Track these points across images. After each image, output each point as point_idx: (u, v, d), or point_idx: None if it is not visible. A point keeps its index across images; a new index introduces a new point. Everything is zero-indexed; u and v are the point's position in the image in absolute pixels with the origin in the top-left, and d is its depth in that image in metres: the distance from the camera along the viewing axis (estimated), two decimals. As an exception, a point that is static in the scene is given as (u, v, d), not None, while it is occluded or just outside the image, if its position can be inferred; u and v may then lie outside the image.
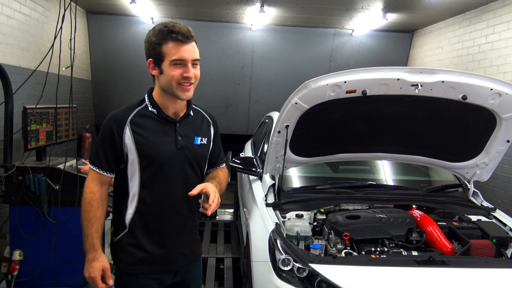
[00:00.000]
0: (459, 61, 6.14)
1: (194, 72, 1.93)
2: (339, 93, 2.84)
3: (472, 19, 5.86)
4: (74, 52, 3.12)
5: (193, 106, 2.12)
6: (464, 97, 2.86)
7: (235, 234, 5.50)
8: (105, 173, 1.96)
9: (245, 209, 4.11)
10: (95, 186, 1.95)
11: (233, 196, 6.79)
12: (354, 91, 2.83)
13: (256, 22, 7.24)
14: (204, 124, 2.16)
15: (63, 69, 3.37)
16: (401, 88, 2.82)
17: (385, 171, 4.20)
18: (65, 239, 3.83)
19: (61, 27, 3.02)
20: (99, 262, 1.92)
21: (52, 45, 3.08)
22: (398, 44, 7.95)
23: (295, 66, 7.83)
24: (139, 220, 1.98)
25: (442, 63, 6.66)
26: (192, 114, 2.10)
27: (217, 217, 6.69)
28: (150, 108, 1.99)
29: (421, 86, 2.78)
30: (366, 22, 6.87)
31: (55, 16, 3.15)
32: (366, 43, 7.90)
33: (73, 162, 3.95)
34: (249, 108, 8.22)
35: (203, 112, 2.20)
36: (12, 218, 3.85)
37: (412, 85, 2.79)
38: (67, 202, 3.73)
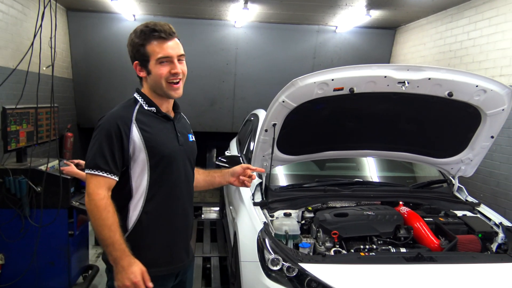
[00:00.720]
0: (442, 58, 6.21)
1: (181, 67, 1.93)
2: (327, 91, 2.83)
3: (454, 15, 5.93)
4: (55, 50, 3.03)
5: None
6: (450, 94, 2.88)
7: (221, 233, 5.48)
8: (113, 177, 1.83)
9: (231, 207, 4.08)
10: (105, 192, 1.82)
11: (219, 194, 6.76)
12: (342, 89, 2.83)
13: (240, 19, 7.19)
14: (188, 123, 2.20)
15: (44, 68, 3.28)
16: (388, 85, 2.82)
17: (371, 168, 4.22)
18: (48, 242, 3.74)
19: (40, 25, 2.93)
20: (137, 266, 1.80)
21: (32, 44, 2.99)
22: (381, 40, 7.99)
23: (279, 63, 7.82)
24: (146, 221, 1.91)
25: (425, 60, 6.72)
26: (180, 113, 2.13)
27: (202, 216, 6.65)
28: (146, 107, 1.95)
29: (408, 83, 2.79)
30: (350, 19, 6.89)
31: (34, 13, 3.07)
32: (349, 40, 7.93)
33: (55, 163, 3.86)
34: (234, 105, 8.18)
35: (181, 112, 2.20)
36: (-8, 221, 3.74)
37: (399, 82, 2.80)
38: (50, 204, 3.63)
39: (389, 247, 2.80)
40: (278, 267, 2.55)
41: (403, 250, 2.77)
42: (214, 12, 6.83)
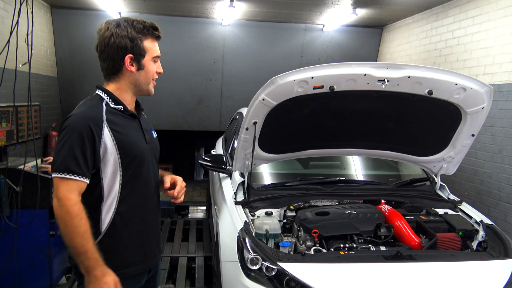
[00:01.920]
0: (427, 56, 6.23)
1: None
2: (307, 89, 2.82)
3: (439, 14, 5.95)
4: (31, 48, 2.97)
5: None
6: (430, 92, 2.89)
7: (207, 232, 5.45)
8: (84, 180, 1.77)
9: (216, 207, 4.05)
10: (76, 197, 1.74)
11: (206, 193, 6.72)
12: (322, 87, 2.82)
13: (227, 17, 7.16)
14: (148, 119, 2.17)
15: (20, 65, 3.21)
16: (368, 83, 2.82)
17: (355, 166, 4.22)
18: (28, 243, 3.67)
19: (17, 22, 2.87)
20: (111, 276, 1.75)
21: (8, 41, 2.92)
22: (368, 39, 8.01)
23: (267, 61, 7.79)
24: (120, 222, 1.87)
25: (411, 58, 6.74)
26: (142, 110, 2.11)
27: (189, 215, 6.62)
28: (113, 106, 1.90)
29: (388, 81, 2.79)
30: (336, 17, 6.89)
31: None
32: (337, 38, 7.93)
33: (35, 162, 3.80)
34: (221, 104, 8.14)
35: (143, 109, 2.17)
36: (-30, 222, 3.67)
37: (379, 81, 2.80)
38: (30, 204, 3.57)
39: (369, 245, 2.79)
40: (257, 267, 2.54)
41: (383, 248, 2.77)
42: (201, 10, 6.79)
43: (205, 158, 3.95)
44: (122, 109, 1.92)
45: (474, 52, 5.16)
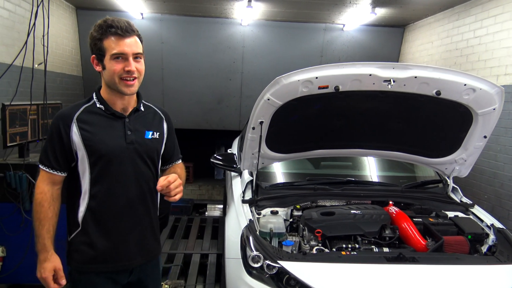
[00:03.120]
0: (448, 56, 6.10)
1: (137, 66, 1.94)
2: (312, 89, 2.83)
3: (461, 13, 5.82)
4: (47, 48, 3.10)
5: (144, 102, 2.14)
6: (438, 93, 2.85)
7: (222, 230, 5.50)
8: (55, 172, 1.95)
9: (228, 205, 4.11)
10: (46, 186, 1.95)
11: (224, 191, 6.80)
12: (327, 87, 2.82)
13: (246, 17, 7.20)
14: (156, 119, 2.16)
15: (36, 65, 3.35)
16: (374, 83, 2.81)
17: (367, 167, 4.19)
18: (47, 236, 3.83)
19: (34, 24, 3.00)
20: (51, 263, 1.94)
21: (26, 42, 3.06)
22: (389, 38, 7.89)
23: (286, 61, 7.78)
24: (90, 218, 1.97)
25: (432, 58, 6.62)
26: (142, 109, 2.11)
27: (206, 213, 6.71)
28: (98, 105, 1.99)
29: (393, 81, 2.77)
30: (356, 17, 6.83)
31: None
32: (357, 38, 7.85)
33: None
34: (241, 103, 8.19)
35: (155, 108, 2.20)
36: (-6, 215, 3.86)
37: (385, 81, 2.78)
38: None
39: (373, 246, 2.78)
40: (259, 265, 2.56)
41: (386, 250, 2.75)
42: (220, 10, 6.86)
43: (216, 156, 4.01)
44: (103, 109, 1.99)
45: (496, 52, 5.02)
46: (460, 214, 3.26)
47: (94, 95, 2.02)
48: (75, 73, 7.39)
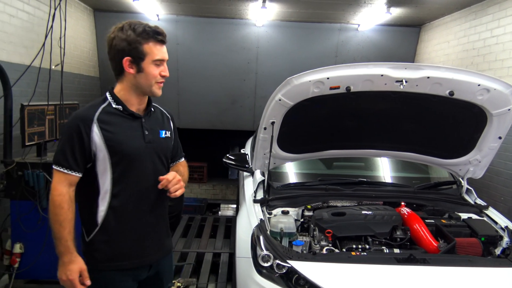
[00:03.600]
0: (465, 56, 6.02)
1: None
2: (323, 90, 2.84)
3: (478, 12, 5.74)
4: (64, 50, 3.17)
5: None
6: (451, 93, 2.83)
7: (234, 229, 5.53)
8: (73, 173, 1.94)
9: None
10: (63, 188, 1.92)
11: (237, 191, 6.83)
12: (338, 88, 2.82)
13: (260, 18, 7.22)
14: (165, 119, 2.23)
15: (53, 66, 3.43)
16: (385, 84, 2.80)
17: (383, 168, 4.17)
18: (63, 233, 3.91)
19: (51, 26, 3.08)
20: (76, 264, 1.93)
21: (43, 44, 3.14)
22: (405, 38, 7.82)
23: (301, 61, 7.77)
24: (113, 216, 1.99)
25: (449, 58, 6.53)
26: (152, 110, 2.17)
27: (219, 213, 6.75)
28: (114, 105, 2.01)
29: (406, 82, 2.76)
30: (371, 17, 6.79)
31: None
32: (372, 38, 7.80)
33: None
34: (255, 104, 8.21)
35: (161, 109, 2.26)
36: (12, 212, 3.95)
37: (397, 81, 2.77)
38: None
39: (383, 247, 2.77)
40: (268, 264, 2.58)
41: (397, 251, 2.74)
42: (234, 11, 6.90)
43: (229, 156, 4.04)
44: (121, 109, 2.01)
45: (513, 52, 4.94)
46: (474, 216, 3.23)
47: (108, 95, 2.03)
48: (92, 74, 7.52)
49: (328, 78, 2.75)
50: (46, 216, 3.73)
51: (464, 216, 3.20)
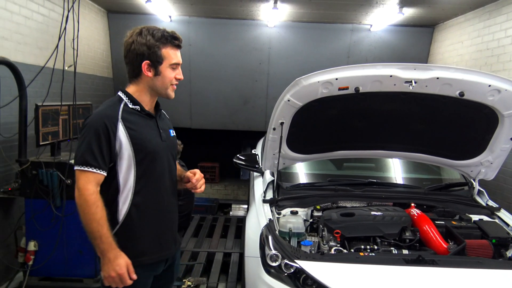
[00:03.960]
0: (479, 56, 5.95)
1: None
2: (332, 90, 2.84)
3: (492, 12, 5.67)
4: (77, 51, 3.23)
5: None
6: (462, 94, 2.81)
7: (245, 229, 5.55)
8: (102, 172, 1.94)
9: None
10: (94, 187, 1.92)
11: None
12: (347, 88, 2.83)
13: (272, 18, 7.24)
14: (168, 119, 2.33)
15: (66, 67, 3.50)
16: (395, 84, 2.79)
17: (393, 169, 4.15)
18: (77, 232, 3.97)
19: (65, 28, 3.14)
20: (123, 258, 1.93)
21: (57, 45, 3.21)
22: (418, 39, 7.75)
23: (313, 62, 7.76)
24: (135, 213, 2.03)
25: (462, 58, 6.46)
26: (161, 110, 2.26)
27: (231, 213, 6.78)
28: (130, 105, 2.06)
29: (415, 82, 2.75)
30: (383, 17, 6.75)
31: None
32: (385, 38, 7.76)
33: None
34: (267, 104, 8.22)
35: (161, 109, 2.30)
36: (27, 210, 4.03)
37: (406, 82, 2.76)
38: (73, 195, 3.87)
39: (392, 248, 2.76)
40: (277, 263, 2.59)
41: (405, 252, 2.73)
42: (246, 12, 6.92)
43: (239, 156, 4.07)
44: (139, 109, 2.07)
45: (528, 52, 4.87)
46: (485, 218, 3.20)
47: (123, 96, 2.08)
48: (105, 75, 7.62)
49: (336, 79, 2.75)
50: (59, 215, 3.81)
51: (475, 217, 3.17)
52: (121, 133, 1.97)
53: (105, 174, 1.96)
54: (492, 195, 3.52)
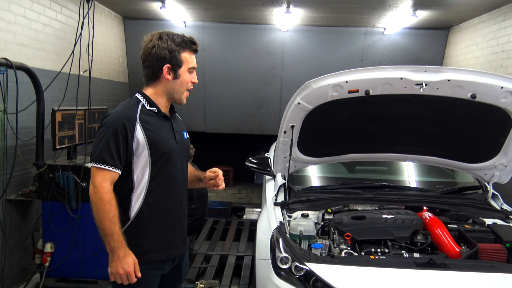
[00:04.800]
0: (494, 58, 5.88)
1: None
2: (342, 93, 2.85)
3: (507, 14, 5.59)
4: (92, 57, 3.31)
5: None
6: (473, 96, 2.79)
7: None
8: (117, 171, 2.01)
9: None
10: (109, 185, 1.98)
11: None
12: (357, 91, 2.83)
13: (285, 23, 7.27)
14: (182, 122, 2.39)
15: (82, 72, 3.58)
16: (405, 87, 2.79)
17: (406, 172, 4.12)
18: (91, 234, 4.03)
19: (80, 34, 3.23)
20: (131, 257, 1.99)
21: (73, 51, 3.30)
22: (433, 41, 7.69)
23: (326, 66, 7.75)
24: (147, 211, 2.09)
25: (477, 61, 6.39)
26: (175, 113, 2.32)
27: (244, 216, 6.80)
28: (148, 107, 2.12)
29: (426, 85, 2.74)
30: (397, 20, 6.72)
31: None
32: (399, 41, 7.71)
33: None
34: (280, 108, 8.23)
35: (176, 113, 2.36)
36: (44, 212, 4.12)
37: (417, 84, 2.76)
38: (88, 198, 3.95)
39: (403, 252, 2.75)
40: (287, 266, 2.60)
41: (417, 255, 2.71)
42: (259, 17, 6.97)
43: (251, 160, 4.09)
44: (156, 111, 2.14)
45: (544, 54, 4.80)
46: (499, 222, 3.16)
47: (141, 98, 2.14)
48: (121, 80, 7.74)
49: (346, 82, 2.76)
50: (75, 217, 3.88)
51: (489, 221, 3.13)
52: (139, 133, 2.04)
53: (119, 172, 2.03)
54: (508, 199, 3.47)
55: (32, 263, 4.27)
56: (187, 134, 2.35)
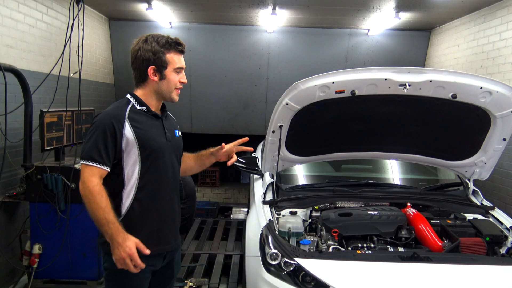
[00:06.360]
0: (474, 59, 6.05)
1: None
2: (329, 94, 2.94)
3: (487, 16, 5.77)
4: (82, 58, 3.33)
5: None
6: (454, 96, 2.90)
7: (245, 231, 5.62)
8: (105, 168, 2.06)
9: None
10: (97, 179, 2.03)
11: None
12: (343, 92, 2.92)
13: (271, 24, 7.34)
14: (174, 120, 2.45)
15: (71, 74, 3.60)
16: (389, 88, 2.88)
17: (390, 170, 4.23)
18: (80, 235, 4.06)
19: (70, 36, 3.24)
20: (131, 240, 2.01)
21: (63, 53, 3.30)
22: (415, 42, 7.86)
23: (311, 66, 7.85)
24: (137, 207, 2.14)
25: (458, 61, 6.56)
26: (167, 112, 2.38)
27: (231, 216, 6.85)
28: (138, 107, 2.19)
29: (409, 85, 2.84)
30: (381, 22, 6.85)
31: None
32: (382, 43, 7.86)
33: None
34: (266, 108, 8.31)
35: (167, 111, 2.42)
36: (32, 214, 4.11)
37: (400, 85, 2.86)
38: (80, 199, 3.95)
39: (388, 246, 2.84)
40: (276, 262, 2.68)
41: (401, 250, 2.81)
42: (245, 18, 7.03)
43: (239, 159, 4.14)
44: (146, 110, 2.20)
45: (522, 55, 4.97)
46: (479, 217, 3.28)
47: (131, 98, 2.21)
48: (107, 81, 7.72)
49: (333, 83, 2.85)
50: (64, 217, 3.88)
51: (469, 216, 3.26)
52: (127, 131, 2.10)
53: (108, 170, 2.08)
54: (489, 196, 3.60)
55: (19, 264, 4.25)
56: (180, 132, 2.41)
